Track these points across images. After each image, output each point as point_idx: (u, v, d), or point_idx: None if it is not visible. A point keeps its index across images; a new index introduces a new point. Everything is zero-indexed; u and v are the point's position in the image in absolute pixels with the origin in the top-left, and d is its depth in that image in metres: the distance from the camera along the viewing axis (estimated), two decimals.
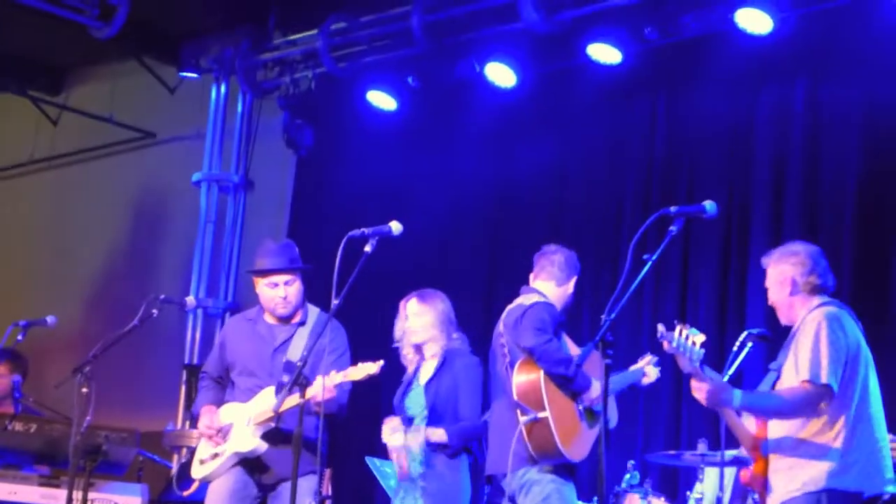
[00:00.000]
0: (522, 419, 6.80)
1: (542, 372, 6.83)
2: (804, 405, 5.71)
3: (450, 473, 7.32)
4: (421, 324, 7.50)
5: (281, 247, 7.18)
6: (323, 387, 6.46)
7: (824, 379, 5.65)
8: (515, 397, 6.86)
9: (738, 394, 5.69)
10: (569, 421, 6.84)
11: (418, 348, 7.57)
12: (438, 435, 7.29)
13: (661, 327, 5.53)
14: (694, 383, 5.66)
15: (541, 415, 6.77)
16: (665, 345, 5.54)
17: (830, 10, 9.06)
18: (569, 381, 6.84)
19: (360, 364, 6.69)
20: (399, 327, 7.60)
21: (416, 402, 7.49)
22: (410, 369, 7.59)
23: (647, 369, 7.44)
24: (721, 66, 9.69)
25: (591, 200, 10.45)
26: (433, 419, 7.36)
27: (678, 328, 5.55)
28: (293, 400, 6.40)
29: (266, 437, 6.84)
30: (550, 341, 6.84)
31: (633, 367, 7.44)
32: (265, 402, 6.78)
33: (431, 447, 7.27)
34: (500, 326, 7.23)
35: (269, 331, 7.13)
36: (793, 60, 9.52)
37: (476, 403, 7.48)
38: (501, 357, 7.14)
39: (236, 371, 7.13)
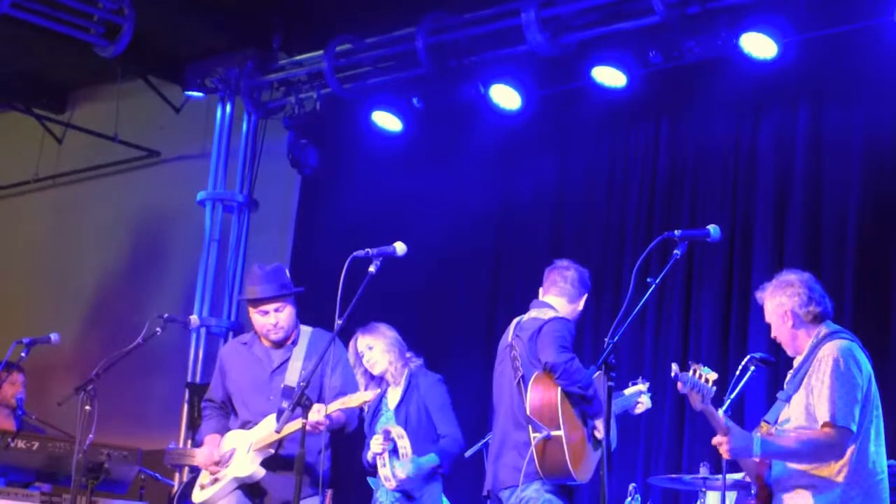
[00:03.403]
0: (534, 436, 6.75)
1: (559, 389, 6.76)
2: (828, 450, 5.69)
3: (426, 497, 7.38)
4: (375, 355, 7.66)
5: (269, 273, 7.09)
6: (325, 414, 6.50)
7: (845, 422, 5.64)
8: (528, 412, 6.79)
9: (757, 442, 5.68)
10: (578, 442, 6.78)
11: (377, 379, 7.67)
12: (430, 462, 7.35)
13: (675, 367, 5.52)
14: (716, 439, 5.67)
15: (554, 433, 6.71)
16: (679, 385, 5.53)
17: (834, 35, 9.10)
18: (587, 402, 6.80)
19: (359, 392, 6.79)
20: (355, 369, 7.71)
21: (386, 426, 7.54)
22: (370, 396, 7.70)
23: (642, 398, 7.39)
24: (724, 91, 9.74)
25: (594, 223, 10.47)
26: (410, 441, 7.41)
27: (692, 368, 5.54)
28: (295, 425, 6.43)
29: (265, 462, 6.85)
30: (573, 359, 6.77)
31: (628, 391, 7.40)
32: (267, 428, 6.80)
33: (426, 474, 7.34)
34: (510, 338, 7.16)
35: (265, 353, 7.13)
36: (796, 85, 9.56)
37: (452, 418, 7.60)
38: (511, 371, 7.04)
39: (236, 397, 7.14)
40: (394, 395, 7.67)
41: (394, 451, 7.47)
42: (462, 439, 7.63)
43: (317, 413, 6.48)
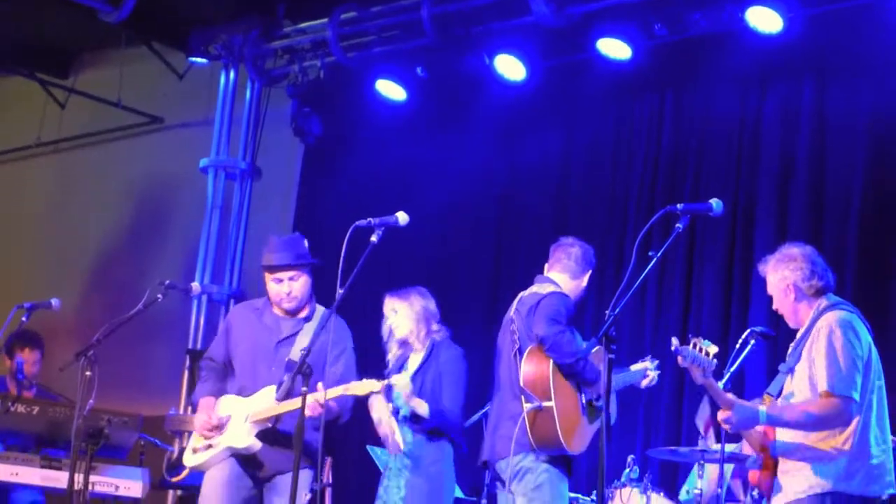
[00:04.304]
0: (526, 406, 6.83)
1: (551, 362, 6.86)
2: (833, 417, 5.72)
3: (433, 463, 7.39)
4: (398, 320, 7.65)
5: (287, 241, 7.14)
6: (325, 398, 6.49)
7: (846, 391, 5.66)
8: (522, 384, 6.90)
9: (762, 413, 5.70)
10: (571, 413, 6.87)
11: (404, 343, 7.66)
12: (422, 407, 7.34)
13: (675, 341, 5.54)
14: (721, 414, 5.69)
15: (545, 404, 6.81)
16: (679, 359, 5.55)
17: (839, 10, 9.08)
18: (577, 373, 6.86)
19: (364, 380, 6.76)
20: (385, 327, 7.71)
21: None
22: (391, 356, 7.69)
23: (649, 372, 7.44)
24: (729, 65, 9.72)
25: (597, 195, 10.46)
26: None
27: (692, 342, 5.56)
28: (296, 403, 6.42)
29: (261, 435, 6.85)
30: (563, 332, 6.85)
31: (634, 367, 7.43)
32: (266, 400, 6.79)
33: (409, 420, 7.34)
34: (512, 312, 7.24)
35: (275, 322, 7.12)
36: (801, 60, 9.54)
37: (458, 394, 7.56)
38: (510, 344, 7.15)
39: (238, 360, 7.13)
40: (414, 362, 7.68)
41: (395, 416, 7.48)
42: (460, 418, 7.62)
43: (319, 391, 6.47)
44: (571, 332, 6.99)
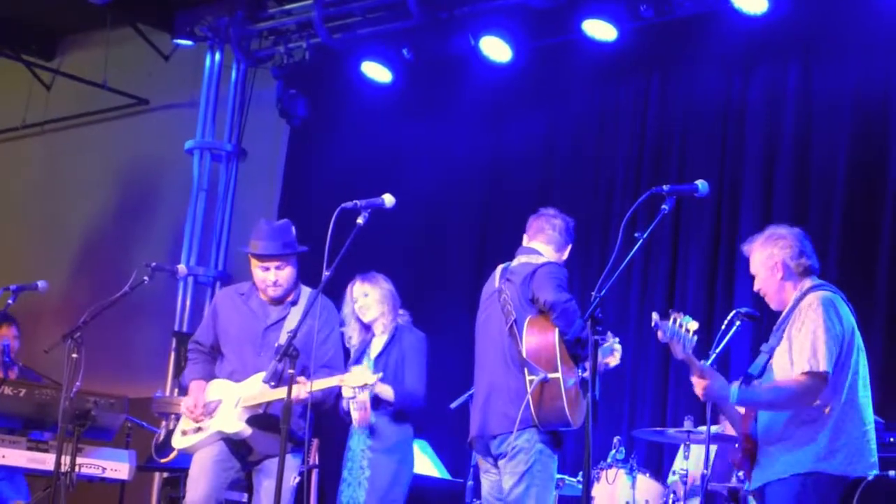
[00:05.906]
0: (530, 379, 6.64)
1: (556, 331, 6.68)
2: (802, 396, 5.70)
3: (395, 442, 7.43)
4: (369, 302, 7.70)
5: (275, 230, 7.07)
6: (310, 389, 6.51)
7: (822, 367, 5.64)
8: (524, 356, 6.69)
9: (734, 390, 5.69)
10: (574, 386, 6.68)
11: (367, 326, 7.70)
12: (386, 392, 7.37)
13: (655, 316, 5.52)
14: (694, 379, 5.68)
15: (551, 376, 6.61)
16: (660, 334, 5.53)
17: None
18: (581, 345, 6.71)
19: (355, 370, 6.79)
20: (345, 311, 7.71)
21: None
22: (356, 342, 7.69)
23: (615, 346, 7.30)
24: (714, 46, 9.72)
25: (582, 177, 10.47)
26: None
27: (672, 317, 5.54)
28: (280, 392, 6.41)
29: (251, 420, 6.85)
30: (572, 300, 6.71)
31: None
32: (257, 385, 6.76)
33: (376, 403, 7.37)
34: (497, 284, 7.06)
35: (261, 307, 7.10)
36: (786, 41, 9.54)
37: (421, 376, 7.63)
38: (502, 316, 6.92)
39: (227, 345, 7.12)
40: (377, 345, 7.70)
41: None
42: (423, 399, 7.62)
43: (304, 384, 6.49)
44: None
